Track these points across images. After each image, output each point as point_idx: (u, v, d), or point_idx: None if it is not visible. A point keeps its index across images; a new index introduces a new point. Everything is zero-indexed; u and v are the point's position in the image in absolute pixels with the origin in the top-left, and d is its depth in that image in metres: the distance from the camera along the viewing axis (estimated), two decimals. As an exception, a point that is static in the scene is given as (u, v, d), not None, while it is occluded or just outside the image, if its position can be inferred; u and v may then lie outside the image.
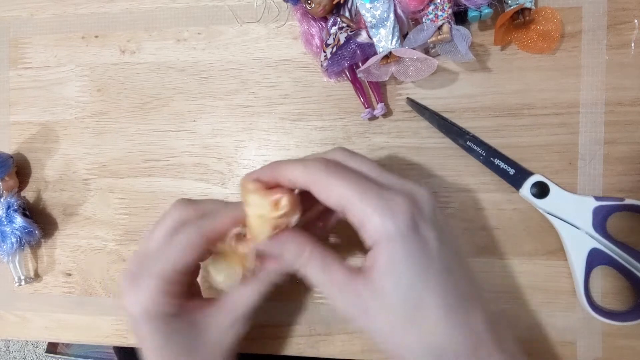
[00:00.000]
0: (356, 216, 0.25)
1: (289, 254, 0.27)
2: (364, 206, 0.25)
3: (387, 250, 0.25)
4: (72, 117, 0.43)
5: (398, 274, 0.25)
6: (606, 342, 0.35)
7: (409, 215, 0.25)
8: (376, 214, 0.24)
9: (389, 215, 0.24)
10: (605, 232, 0.34)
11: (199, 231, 0.28)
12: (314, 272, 0.27)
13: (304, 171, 0.26)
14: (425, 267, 0.25)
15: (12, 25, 0.44)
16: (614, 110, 0.35)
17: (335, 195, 0.26)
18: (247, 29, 0.40)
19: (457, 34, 0.33)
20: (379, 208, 0.25)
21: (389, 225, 0.24)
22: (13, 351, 1.29)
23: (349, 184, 0.25)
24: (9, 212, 0.40)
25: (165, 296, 0.28)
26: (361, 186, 0.25)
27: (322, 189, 0.26)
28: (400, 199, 0.25)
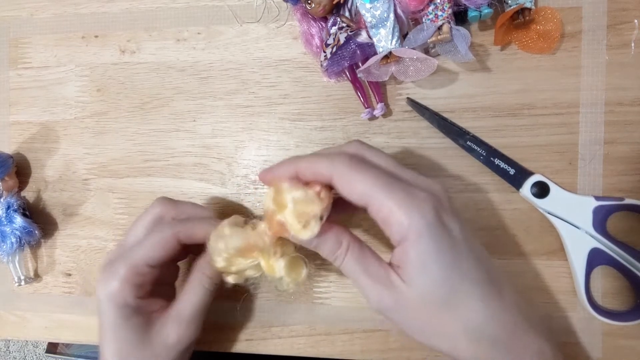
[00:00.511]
0: (381, 212, 0.25)
1: (327, 246, 0.27)
2: (390, 202, 0.25)
3: (417, 245, 0.25)
4: (72, 117, 0.43)
5: (431, 268, 0.25)
6: (606, 342, 0.35)
7: (434, 208, 0.25)
8: (402, 209, 0.25)
9: (416, 210, 0.25)
10: (605, 232, 0.34)
11: (172, 233, 0.30)
12: (350, 264, 0.27)
13: (330, 165, 0.26)
14: (456, 256, 0.25)
15: (12, 25, 0.44)
16: (614, 110, 0.35)
17: (360, 190, 0.25)
18: (247, 29, 0.40)
19: (457, 34, 0.33)
20: (405, 203, 0.25)
21: (416, 220, 0.24)
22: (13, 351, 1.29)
23: (374, 180, 0.25)
24: (9, 212, 0.40)
25: (130, 287, 0.30)
26: (386, 181, 0.25)
27: (347, 183, 0.26)
28: (423, 194, 0.25)
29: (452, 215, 0.26)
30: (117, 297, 0.30)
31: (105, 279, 0.30)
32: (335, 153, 0.27)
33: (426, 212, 0.25)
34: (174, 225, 0.31)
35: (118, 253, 0.32)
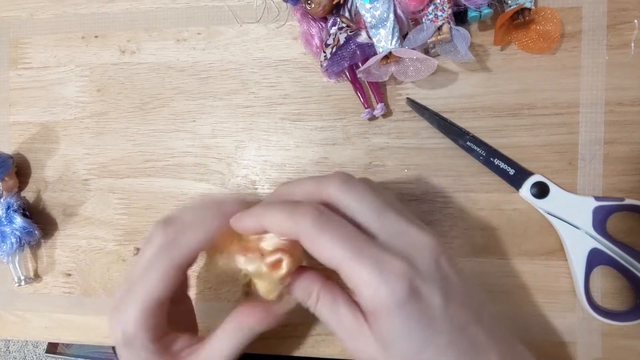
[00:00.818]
0: (350, 279, 0.23)
1: (297, 294, 0.27)
2: (357, 273, 0.23)
3: (386, 322, 0.23)
4: (72, 117, 0.43)
5: (400, 347, 0.23)
6: (606, 342, 0.35)
7: (407, 280, 0.22)
8: (370, 283, 0.22)
9: (384, 284, 0.22)
10: (605, 232, 0.34)
11: (171, 263, 0.27)
12: (324, 313, 0.26)
13: (293, 225, 0.24)
14: (432, 332, 0.23)
15: (12, 25, 0.44)
16: (614, 110, 0.35)
17: (327, 255, 0.23)
18: (247, 29, 0.40)
19: (456, 34, 0.33)
20: (373, 274, 0.22)
21: (384, 296, 0.22)
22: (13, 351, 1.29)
23: (341, 244, 0.23)
24: (9, 212, 0.40)
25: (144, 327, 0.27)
26: (354, 247, 0.23)
27: (312, 245, 0.24)
28: (396, 263, 0.23)
29: (432, 282, 0.23)
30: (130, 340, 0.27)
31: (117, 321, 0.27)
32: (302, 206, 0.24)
33: (396, 288, 0.22)
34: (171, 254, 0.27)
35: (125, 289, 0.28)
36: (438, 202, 0.37)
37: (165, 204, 0.41)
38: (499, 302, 0.36)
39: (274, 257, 0.26)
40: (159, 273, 0.27)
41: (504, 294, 0.36)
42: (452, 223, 0.37)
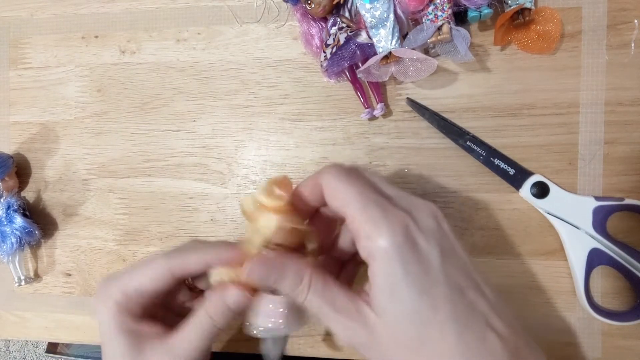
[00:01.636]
0: (353, 224, 0.24)
1: (287, 282, 0.26)
2: (361, 214, 0.24)
3: (384, 267, 0.23)
4: (72, 117, 0.43)
5: (399, 292, 0.23)
6: (606, 342, 0.35)
7: (406, 228, 0.23)
8: (371, 223, 0.23)
9: (385, 227, 0.23)
10: (605, 232, 0.34)
11: (166, 266, 0.29)
12: (314, 300, 0.25)
13: (319, 176, 0.26)
14: (429, 284, 0.23)
15: (12, 25, 0.44)
16: (614, 110, 0.35)
17: (339, 199, 0.25)
18: (247, 29, 0.40)
19: (456, 35, 0.33)
20: (375, 218, 0.23)
21: (383, 238, 0.23)
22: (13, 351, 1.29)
23: (353, 190, 0.25)
24: (9, 212, 0.40)
25: (121, 312, 0.29)
26: (364, 195, 0.24)
27: (330, 191, 0.26)
28: (399, 212, 0.24)
29: (431, 238, 0.24)
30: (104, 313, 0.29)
31: (97, 294, 0.30)
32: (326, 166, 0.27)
33: (396, 231, 0.23)
34: (169, 259, 0.29)
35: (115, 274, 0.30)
36: (438, 202, 0.37)
37: (165, 204, 0.41)
38: (499, 302, 0.36)
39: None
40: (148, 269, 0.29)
41: (504, 294, 0.36)
42: (452, 223, 0.37)
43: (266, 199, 0.26)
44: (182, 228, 0.41)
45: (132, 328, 0.29)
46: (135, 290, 0.29)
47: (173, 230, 0.41)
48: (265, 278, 0.26)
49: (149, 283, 0.29)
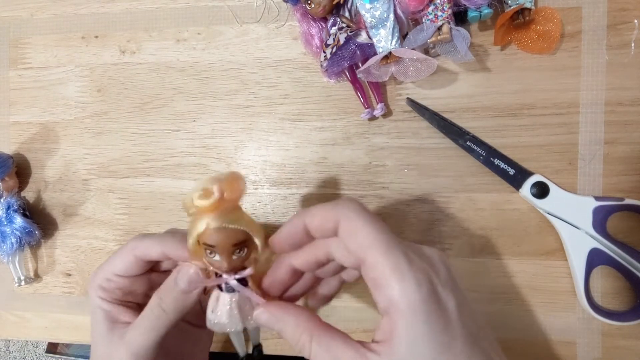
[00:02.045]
0: (374, 270, 0.23)
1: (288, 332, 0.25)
2: (386, 261, 0.23)
3: (409, 321, 0.22)
4: (72, 117, 0.43)
5: (420, 347, 0.22)
6: (606, 342, 0.35)
7: (430, 281, 0.23)
8: (397, 273, 0.22)
9: (412, 278, 0.22)
10: (605, 232, 0.34)
11: (132, 250, 0.30)
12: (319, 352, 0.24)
13: (333, 211, 0.25)
14: (449, 338, 0.23)
15: (12, 25, 0.44)
16: (614, 110, 0.35)
17: (360, 239, 0.24)
18: (247, 29, 0.40)
19: (456, 35, 0.33)
20: (401, 267, 0.22)
21: (410, 291, 0.22)
22: (13, 351, 1.29)
23: (377, 232, 0.23)
24: (9, 212, 0.40)
25: (104, 295, 0.30)
26: (388, 238, 0.23)
27: (349, 228, 0.24)
28: (421, 262, 0.23)
29: (449, 288, 0.24)
30: (91, 296, 0.31)
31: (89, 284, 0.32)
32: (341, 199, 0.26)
33: (422, 284, 0.22)
34: (132, 241, 0.30)
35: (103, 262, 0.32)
36: (438, 202, 0.37)
37: (165, 203, 0.41)
38: (499, 302, 0.36)
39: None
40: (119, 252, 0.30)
41: (504, 294, 0.36)
42: (452, 223, 0.37)
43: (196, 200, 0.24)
44: (182, 228, 0.41)
45: (110, 311, 0.30)
46: (113, 274, 0.30)
47: (173, 230, 0.41)
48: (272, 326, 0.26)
49: (121, 265, 0.30)
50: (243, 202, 0.40)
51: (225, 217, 0.25)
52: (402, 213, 0.37)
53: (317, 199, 0.39)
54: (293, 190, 0.39)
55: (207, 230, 0.25)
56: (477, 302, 0.37)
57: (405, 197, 0.37)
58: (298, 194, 0.39)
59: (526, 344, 0.36)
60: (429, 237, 0.37)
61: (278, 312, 0.26)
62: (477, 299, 0.37)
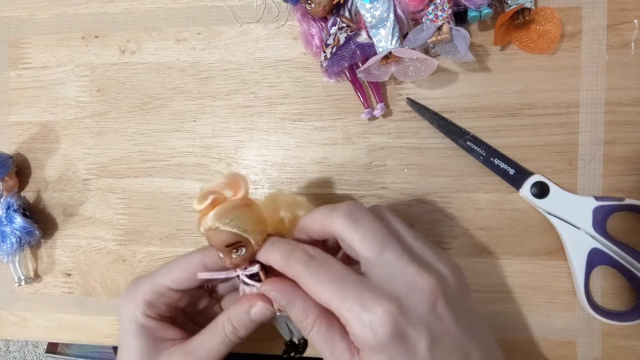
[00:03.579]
0: (340, 318, 0.25)
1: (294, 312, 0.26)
2: (344, 311, 0.24)
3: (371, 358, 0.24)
4: (72, 117, 0.43)
5: None
6: (606, 342, 0.35)
7: (392, 323, 0.23)
8: (355, 321, 0.24)
9: (367, 324, 0.23)
10: (605, 232, 0.34)
11: (200, 257, 0.29)
12: (317, 339, 0.26)
13: (288, 268, 0.26)
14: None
15: (12, 25, 0.44)
16: (614, 110, 0.35)
17: (317, 296, 0.25)
18: (247, 29, 0.40)
19: (456, 34, 0.33)
20: (356, 315, 0.24)
21: (367, 335, 0.23)
22: (13, 351, 1.29)
23: (328, 285, 0.25)
24: (9, 212, 0.40)
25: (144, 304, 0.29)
26: (342, 288, 0.24)
27: (305, 288, 0.26)
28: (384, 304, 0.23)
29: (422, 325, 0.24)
30: (129, 311, 0.30)
31: (125, 292, 0.30)
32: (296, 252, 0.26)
33: (379, 330, 0.23)
34: (201, 250, 0.30)
35: (147, 274, 0.31)
36: (438, 202, 0.37)
37: (166, 204, 0.41)
38: (499, 302, 0.36)
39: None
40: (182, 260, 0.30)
41: (504, 294, 0.36)
42: (452, 223, 0.37)
43: (196, 205, 0.26)
44: (183, 228, 0.41)
45: (154, 328, 0.30)
46: (167, 287, 0.29)
47: (173, 230, 0.41)
48: (278, 300, 0.27)
49: (183, 277, 0.29)
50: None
51: (217, 219, 0.26)
52: (402, 213, 0.37)
53: (317, 199, 0.39)
54: (294, 190, 0.39)
55: (204, 231, 0.26)
56: (477, 302, 0.37)
57: (406, 197, 0.37)
58: (298, 194, 0.39)
59: (526, 343, 0.36)
60: (429, 237, 0.37)
61: (288, 292, 0.27)
62: (477, 299, 0.37)
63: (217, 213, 0.26)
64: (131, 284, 0.31)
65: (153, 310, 0.30)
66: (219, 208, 0.26)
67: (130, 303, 0.30)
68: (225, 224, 0.26)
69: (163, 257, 0.41)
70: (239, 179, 0.27)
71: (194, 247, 0.40)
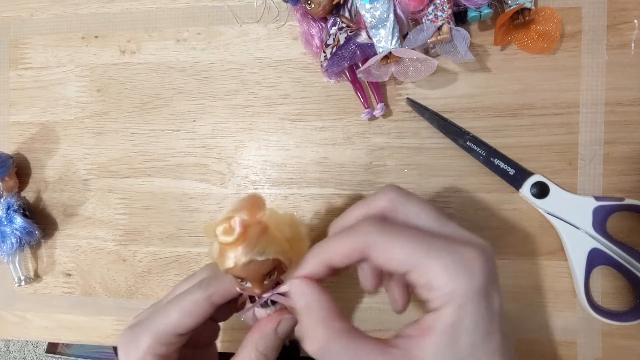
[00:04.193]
0: (423, 276, 0.22)
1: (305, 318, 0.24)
2: (432, 263, 0.22)
3: (457, 313, 0.21)
4: (72, 117, 0.43)
5: (464, 338, 0.21)
6: (606, 342, 0.35)
7: (486, 273, 0.22)
8: (449, 273, 0.22)
9: (464, 272, 0.22)
10: (605, 232, 0.34)
11: (206, 296, 0.26)
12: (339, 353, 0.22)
13: (356, 242, 0.23)
14: (491, 329, 0.22)
15: (12, 25, 0.44)
16: (614, 110, 0.35)
17: (399, 257, 0.23)
18: (247, 29, 0.40)
19: (456, 35, 0.33)
20: (451, 266, 0.22)
21: (463, 285, 0.21)
22: (13, 351, 1.29)
23: (413, 242, 0.22)
24: (9, 212, 0.40)
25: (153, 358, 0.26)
26: (427, 242, 0.22)
27: (381, 252, 0.23)
28: (473, 254, 0.22)
29: (496, 283, 0.23)
30: None
31: (126, 346, 0.27)
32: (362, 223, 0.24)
33: (477, 276, 0.22)
34: (206, 285, 0.27)
35: (145, 316, 0.28)
36: (438, 202, 0.37)
37: (166, 204, 0.41)
38: (499, 302, 0.36)
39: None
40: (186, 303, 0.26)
41: (504, 294, 0.36)
42: (452, 223, 0.37)
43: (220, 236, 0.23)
44: (183, 228, 0.41)
45: None
46: (169, 330, 0.26)
47: (174, 231, 0.41)
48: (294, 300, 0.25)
49: (189, 320, 0.26)
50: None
51: (252, 249, 0.24)
52: (402, 213, 0.37)
53: (317, 199, 0.39)
54: (294, 190, 0.39)
55: (237, 265, 0.24)
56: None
57: (406, 197, 0.37)
58: (299, 193, 0.39)
59: (526, 343, 0.36)
60: (429, 237, 0.37)
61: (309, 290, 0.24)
62: (477, 298, 0.37)
63: (251, 243, 0.23)
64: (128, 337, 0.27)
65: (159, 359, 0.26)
66: (251, 238, 0.24)
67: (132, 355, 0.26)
68: (261, 253, 0.24)
69: (163, 257, 0.41)
70: (259, 200, 0.25)
71: (194, 247, 0.40)
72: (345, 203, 0.38)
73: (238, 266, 0.24)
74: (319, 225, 0.39)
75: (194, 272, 0.30)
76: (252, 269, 0.24)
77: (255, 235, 0.24)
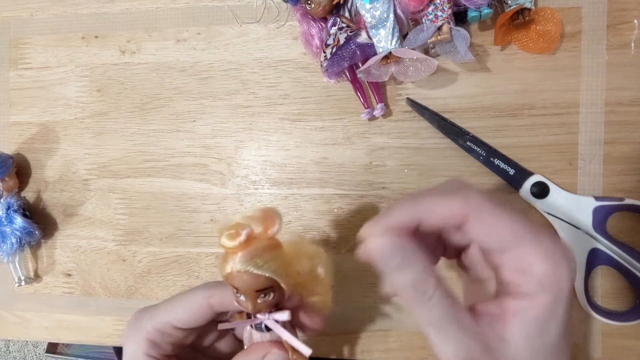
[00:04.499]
0: (523, 259, 0.22)
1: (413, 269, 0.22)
2: (536, 249, 0.22)
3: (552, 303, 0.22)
4: (72, 117, 0.43)
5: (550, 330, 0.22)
6: (606, 342, 0.35)
7: (573, 269, 0.22)
8: (550, 261, 0.22)
9: (566, 265, 0.22)
10: (605, 232, 0.34)
11: (205, 294, 0.27)
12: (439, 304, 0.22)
13: (464, 203, 0.22)
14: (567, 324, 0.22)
15: (12, 25, 0.44)
16: (614, 110, 0.35)
17: (504, 232, 0.22)
18: (247, 29, 0.40)
19: (456, 35, 0.33)
20: (553, 255, 0.22)
21: (560, 276, 0.22)
22: (13, 351, 1.29)
23: (518, 222, 0.22)
24: (9, 212, 0.40)
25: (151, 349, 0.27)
26: (532, 227, 0.22)
27: (484, 225, 0.22)
28: (568, 252, 0.22)
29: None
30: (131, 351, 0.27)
31: (128, 327, 0.28)
32: (467, 189, 0.23)
33: (571, 271, 0.22)
34: (209, 287, 0.28)
35: (148, 309, 0.29)
36: (438, 202, 0.37)
37: (166, 204, 0.41)
38: (499, 302, 0.36)
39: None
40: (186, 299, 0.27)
41: (504, 294, 0.36)
42: (452, 223, 0.37)
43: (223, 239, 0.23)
44: (183, 228, 0.41)
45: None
46: (171, 325, 0.27)
47: (173, 231, 0.41)
48: (387, 258, 0.22)
49: (187, 317, 0.27)
50: (244, 201, 0.40)
51: (250, 260, 0.23)
52: (402, 213, 0.37)
53: (317, 199, 0.39)
54: (294, 190, 0.39)
55: (232, 272, 0.24)
56: (477, 302, 0.37)
57: (406, 197, 0.37)
58: (298, 193, 0.39)
59: (526, 343, 0.36)
60: (429, 237, 0.37)
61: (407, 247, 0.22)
62: (477, 299, 0.37)
63: (251, 254, 0.23)
64: (134, 318, 0.28)
65: (156, 350, 0.27)
66: (252, 248, 0.23)
67: (131, 341, 0.27)
68: (259, 267, 0.23)
69: (163, 257, 0.41)
70: (275, 215, 0.24)
71: (194, 248, 0.40)
72: (345, 203, 0.38)
73: (233, 273, 0.23)
74: (319, 225, 0.39)
75: None
76: (246, 281, 0.24)
77: (259, 248, 0.24)
